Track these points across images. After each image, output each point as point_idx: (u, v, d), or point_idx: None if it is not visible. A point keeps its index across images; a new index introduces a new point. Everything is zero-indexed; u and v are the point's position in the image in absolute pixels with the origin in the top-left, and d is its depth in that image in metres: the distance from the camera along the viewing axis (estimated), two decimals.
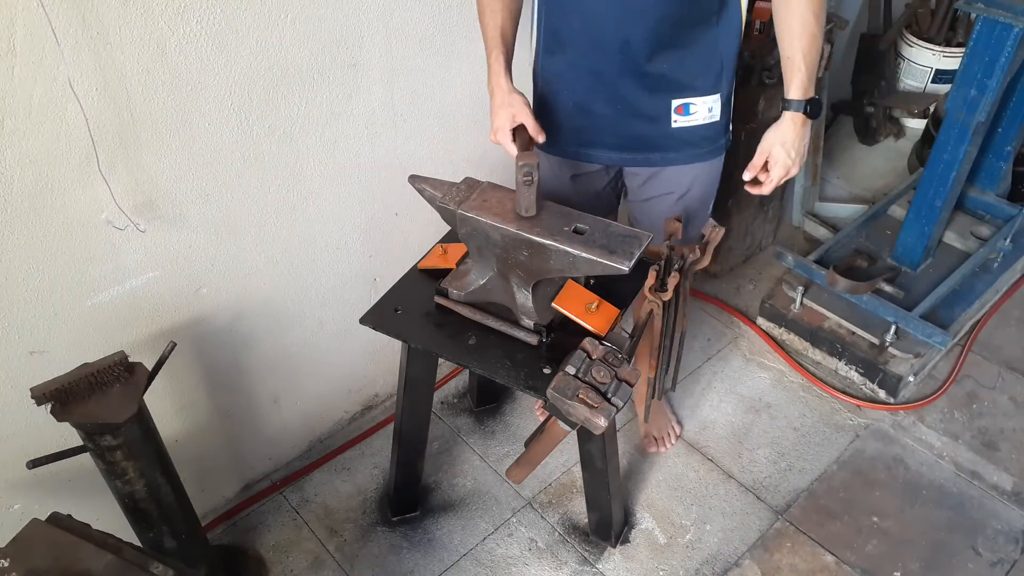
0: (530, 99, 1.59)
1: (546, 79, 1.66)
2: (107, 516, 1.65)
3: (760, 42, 2.31)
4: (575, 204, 1.49)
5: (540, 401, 2.29)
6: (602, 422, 1.34)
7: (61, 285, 1.47)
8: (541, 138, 1.54)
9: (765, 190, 1.61)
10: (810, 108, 1.52)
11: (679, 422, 2.27)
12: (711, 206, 1.83)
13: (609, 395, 1.37)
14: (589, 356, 1.40)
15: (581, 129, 1.67)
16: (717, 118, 1.63)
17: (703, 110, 1.60)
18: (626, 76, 1.56)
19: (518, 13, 1.60)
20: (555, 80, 1.65)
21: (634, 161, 1.70)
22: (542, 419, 2.28)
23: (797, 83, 1.51)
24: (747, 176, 1.61)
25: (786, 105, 1.53)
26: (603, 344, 1.42)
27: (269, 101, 1.59)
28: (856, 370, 2.37)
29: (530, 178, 1.37)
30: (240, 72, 1.52)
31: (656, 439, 2.19)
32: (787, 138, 1.54)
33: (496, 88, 1.56)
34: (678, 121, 1.61)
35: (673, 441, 2.22)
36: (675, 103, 1.59)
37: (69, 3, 1.25)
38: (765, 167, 1.59)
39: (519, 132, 1.53)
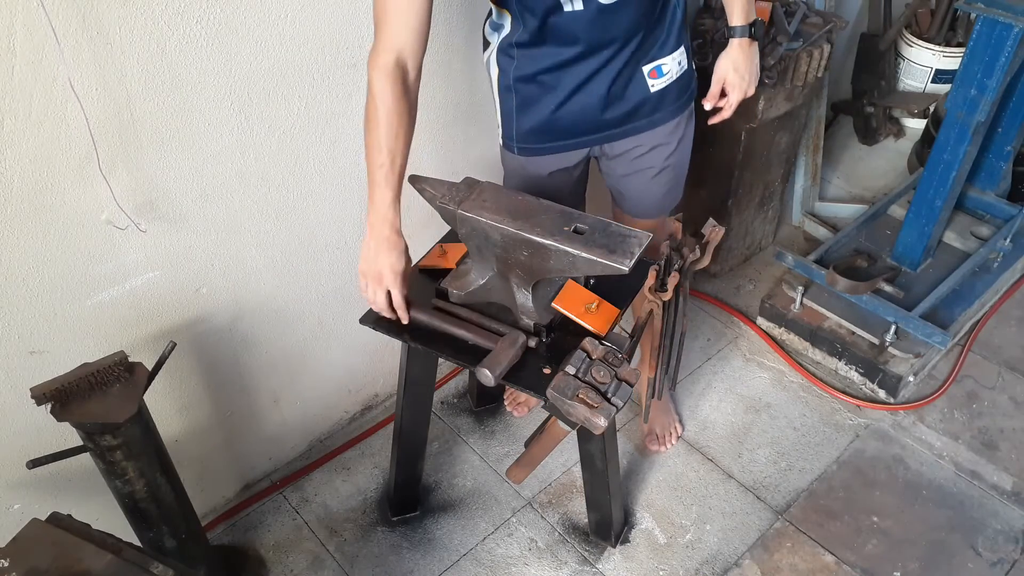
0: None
1: (522, 93, 1.64)
2: (107, 516, 1.65)
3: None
4: (550, 198, 1.48)
5: (509, 397, 2.29)
6: (602, 422, 1.34)
7: (61, 285, 1.47)
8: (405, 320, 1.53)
9: (727, 114, 1.76)
10: (754, 30, 1.66)
11: (681, 422, 2.27)
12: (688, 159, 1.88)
13: (609, 395, 1.37)
14: (589, 356, 1.40)
15: (565, 126, 1.67)
16: (687, 66, 1.69)
17: (674, 66, 1.65)
18: (605, 68, 1.59)
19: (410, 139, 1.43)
20: (533, 92, 1.63)
21: (623, 134, 1.72)
22: (515, 414, 2.27)
23: (738, 10, 1.64)
24: (708, 106, 1.74)
25: (731, 32, 1.67)
26: (603, 344, 1.42)
27: (269, 101, 1.59)
28: (856, 370, 2.37)
29: None
30: (240, 72, 1.52)
31: (659, 436, 2.19)
32: (739, 63, 1.69)
33: (381, 222, 1.42)
34: (655, 85, 1.65)
35: (674, 441, 2.22)
36: (647, 69, 1.63)
37: (69, 3, 1.25)
38: (723, 95, 1.73)
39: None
